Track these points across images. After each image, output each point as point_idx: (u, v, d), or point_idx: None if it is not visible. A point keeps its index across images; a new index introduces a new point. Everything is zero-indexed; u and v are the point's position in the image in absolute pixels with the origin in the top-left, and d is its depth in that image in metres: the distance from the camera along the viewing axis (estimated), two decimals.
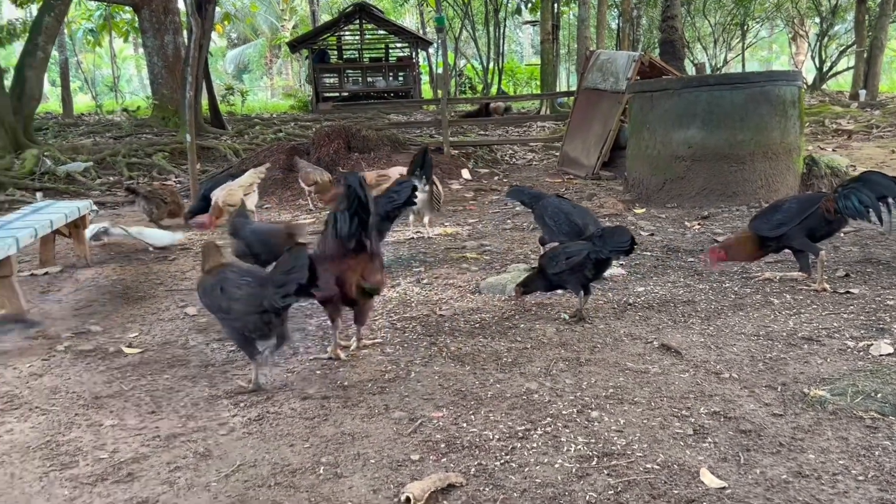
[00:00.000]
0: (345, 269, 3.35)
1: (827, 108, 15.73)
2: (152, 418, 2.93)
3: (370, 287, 3.39)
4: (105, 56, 33.28)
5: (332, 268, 3.35)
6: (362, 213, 3.24)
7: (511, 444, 2.58)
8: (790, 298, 4.11)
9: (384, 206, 4.56)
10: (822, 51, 26.57)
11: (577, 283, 3.89)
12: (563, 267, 3.86)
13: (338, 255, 3.36)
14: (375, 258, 3.47)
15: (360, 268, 3.37)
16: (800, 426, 2.61)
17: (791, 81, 7.03)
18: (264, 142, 13.51)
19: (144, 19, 16.43)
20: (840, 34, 28.74)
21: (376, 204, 4.54)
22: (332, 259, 3.36)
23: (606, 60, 9.95)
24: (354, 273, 3.35)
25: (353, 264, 3.36)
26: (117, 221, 7.46)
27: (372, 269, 3.41)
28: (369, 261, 3.41)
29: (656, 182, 7.23)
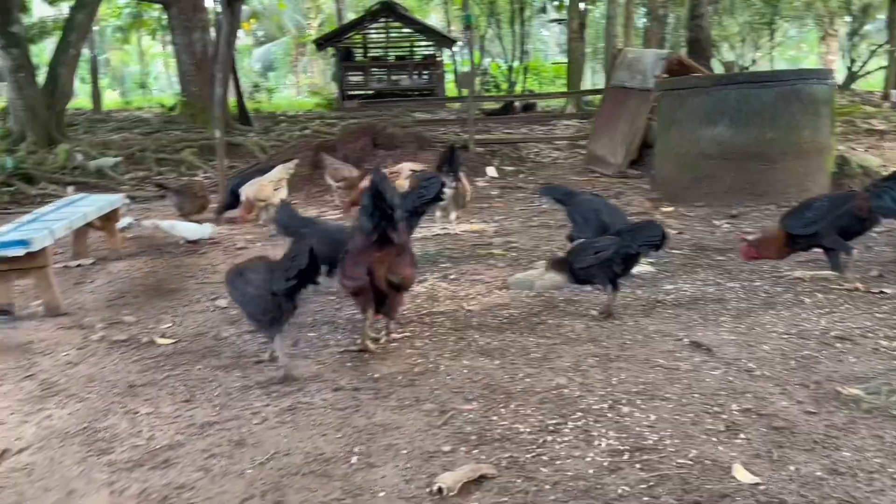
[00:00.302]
0: (372, 262, 3.38)
1: (858, 108, 15.51)
2: (187, 407, 2.98)
3: (398, 280, 3.42)
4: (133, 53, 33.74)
5: (361, 260, 3.39)
6: (385, 207, 3.28)
7: (542, 437, 2.58)
8: (822, 297, 4.07)
9: (412, 202, 4.59)
10: (853, 50, 26.19)
11: (605, 277, 3.89)
12: (591, 261, 3.87)
13: (365, 249, 3.41)
14: (405, 253, 3.51)
15: (388, 261, 3.40)
16: (834, 424, 2.59)
17: (823, 80, 6.96)
18: (290, 139, 13.59)
19: (173, 17, 16.57)
20: (871, 33, 28.31)
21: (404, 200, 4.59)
22: (360, 252, 3.41)
23: (634, 58, 9.89)
24: (382, 266, 3.39)
25: (380, 257, 3.39)
26: (148, 215, 7.57)
27: (400, 262, 3.44)
28: (397, 254, 3.44)
29: (684, 180, 7.18)
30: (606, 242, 3.88)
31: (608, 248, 3.82)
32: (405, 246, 3.52)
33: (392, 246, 3.41)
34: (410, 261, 3.56)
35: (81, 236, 5.94)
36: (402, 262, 3.47)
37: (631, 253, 3.83)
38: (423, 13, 36.06)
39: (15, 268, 4.25)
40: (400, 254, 3.47)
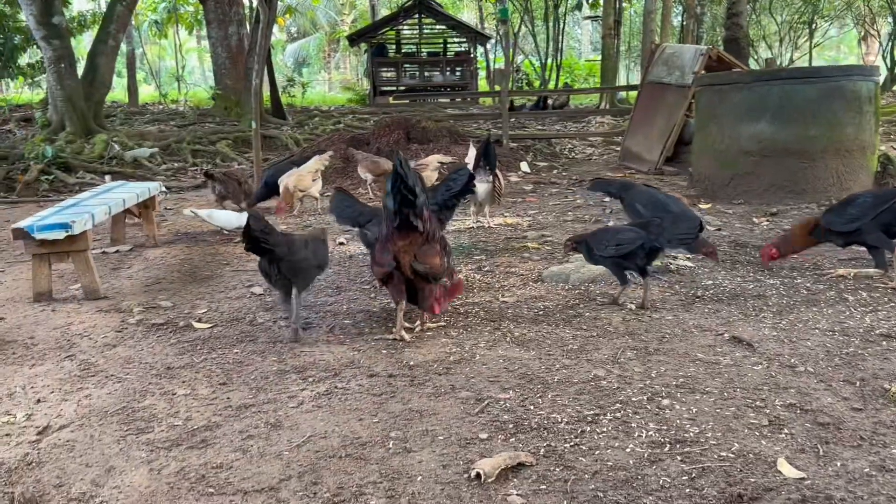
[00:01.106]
0: (397, 250, 3.36)
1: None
2: (223, 389, 2.99)
3: (424, 269, 3.37)
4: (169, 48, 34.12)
5: (388, 247, 3.38)
6: (405, 191, 3.24)
7: (580, 427, 2.55)
8: (866, 295, 3.98)
9: (442, 194, 4.57)
10: (895, 51, 25.64)
11: (619, 270, 3.90)
12: (611, 252, 3.83)
13: (389, 235, 3.40)
14: (432, 241, 3.44)
15: (413, 249, 3.37)
16: (881, 421, 2.52)
17: (867, 77, 6.81)
18: (324, 132, 13.67)
19: (209, 10, 16.76)
20: None
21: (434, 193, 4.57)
22: (387, 239, 3.41)
23: (672, 54, 9.78)
24: (407, 254, 3.36)
25: (404, 245, 3.36)
26: (188, 204, 7.64)
27: (427, 251, 3.40)
28: (424, 243, 3.40)
29: (723, 177, 7.08)
30: (632, 236, 3.83)
31: (633, 241, 3.77)
32: (433, 234, 3.46)
33: (417, 233, 3.37)
34: (440, 251, 3.49)
35: (119, 222, 6.02)
36: (429, 251, 3.41)
37: (655, 247, 3.80)
38: (456, 10, 36.08)
39: (56, 251, 4.31)
40: (427, 242, 3.42)
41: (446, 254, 3.59)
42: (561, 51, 28.01)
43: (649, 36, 13.38)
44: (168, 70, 36.98)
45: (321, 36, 43.51)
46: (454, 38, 27.67)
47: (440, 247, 3.51)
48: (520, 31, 30.22)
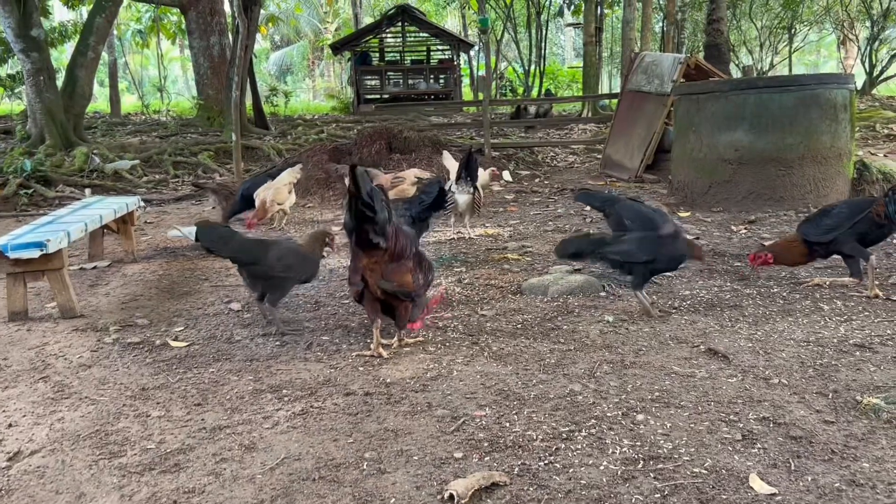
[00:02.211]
0: (363, 268, 3.32)
1: (878, 113, 15.35)
2: (198, 410, 2.97)
3: (393, 287, 3.32)
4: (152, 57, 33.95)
5: (356, 265, 3.36)
6: (362, 206, 3.10)
7: (555, 444, 2.55)
8: (840, 305, 4.01)
9: (416, 208, 4.58)
10: (873, 55, 25.93)
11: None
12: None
13: (354, 253, 3.37)
14: (402, 258, 3.37)
15: (380, 267, 3.31)
16: (853, 434, 2.54)
17: (842, 84, 6.87)
18: (307, 142, 13.64)
19: (191, 21, 16.72)
20: (891, 38, 28.03)
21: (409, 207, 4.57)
22: (353, 257, 3.40)
23: (651, 62, 9.84)
24: (374, 272, 3.30)
25: (369, 263, 3.31)
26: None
27: (396, 269, 3.34)
28: (391, 260, 3.32)
29: (702, 185, 7.12)
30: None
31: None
32: (402, 251, 3.35)
33: (381, 251, 3.27)
34: (413, 268, 3.41)
35: (97, 238, 5.98)
36: (397, 269, 3.34)
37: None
38: (440, 18, 36.15)
39: (31, 269, 4.27)
40: (395, 259, 3.34)
41: (423, 270, 3.54)
42: (544, 57, 28.14)
43: (629, 45, 13.46)
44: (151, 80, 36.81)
45: (305, 44, 43.48)
46: (437, 45, 27.72)
47: (413, 263, 3.45)
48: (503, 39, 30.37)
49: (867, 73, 25.79)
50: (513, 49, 31.59)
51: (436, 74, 26.53)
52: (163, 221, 7.94)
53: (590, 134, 15.38)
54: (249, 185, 7.01)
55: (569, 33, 42.12)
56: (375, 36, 26.93)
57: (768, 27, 29.16)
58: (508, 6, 27.57)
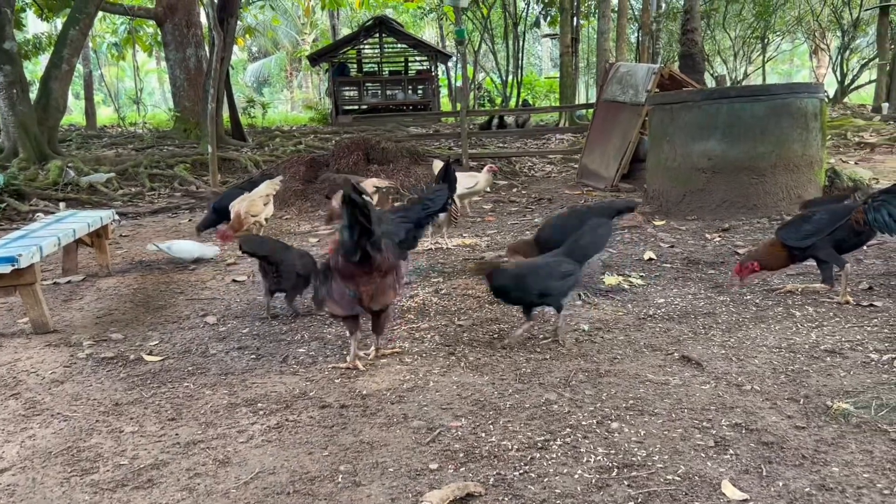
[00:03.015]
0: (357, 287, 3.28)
1: (849, 121, 15.60)
2: (172, 425, 2.95)
3: (379, 308, 3.40)
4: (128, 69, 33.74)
5: (350, 286, 3.29)
6: (363, 223, 3.04)
7: (530, 454, 2.56)
8: (812, 311, 4.07)
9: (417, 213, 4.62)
10: (844, 64, 26.40)
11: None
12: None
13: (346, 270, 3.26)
14: (391, 274, 3.33)
15: (373, 284, 3.27)
16: (823, 439, 2.58)
17: (813, 94, 6.98)
18: (284, 154, 13.61)
19: (167, 33, 16.67)
20: (862, 47, 28.55)
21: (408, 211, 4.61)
22: (345, 276, 3.28)
23: (626, 73, 9.94)
24: (368, 291, 3.28)
25: (366, 289, 3.27)
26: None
27: (386, 288, 3.33)
28: (382, 277, 3.28)
29: (676, 194, 7.19)
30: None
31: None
32: (391, 267, 3.31)
33: (374, 268, 3.22)
34: (394, 283, 3.38)
35: (71, 253, 5.92)
36: (386, 287, 3.31)
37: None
38: (418, 28, 36.28)
39: (2, 285, 4.22)
40: (386, 275, 3.30)
41: (400, 281, 3.55)
42: (521, 68, 28.32)
43: (604, 55, 13.58)
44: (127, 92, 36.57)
45: (282, 55, 43.43)
46: (415, 56, 27.82)
47: (395, 276, 3.43)
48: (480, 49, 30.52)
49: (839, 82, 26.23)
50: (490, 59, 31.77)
51: (414, 85, 26.62)
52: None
53: (567, 144, 15.48)
54: (222, 197, 6.98)
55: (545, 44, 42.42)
56: (353, 47, 26.98)
57: (742, 37, 29.59)
58: (486, 17, 27.74)
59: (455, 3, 10.89)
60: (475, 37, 29.86)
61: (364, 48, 27.78)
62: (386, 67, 28.01)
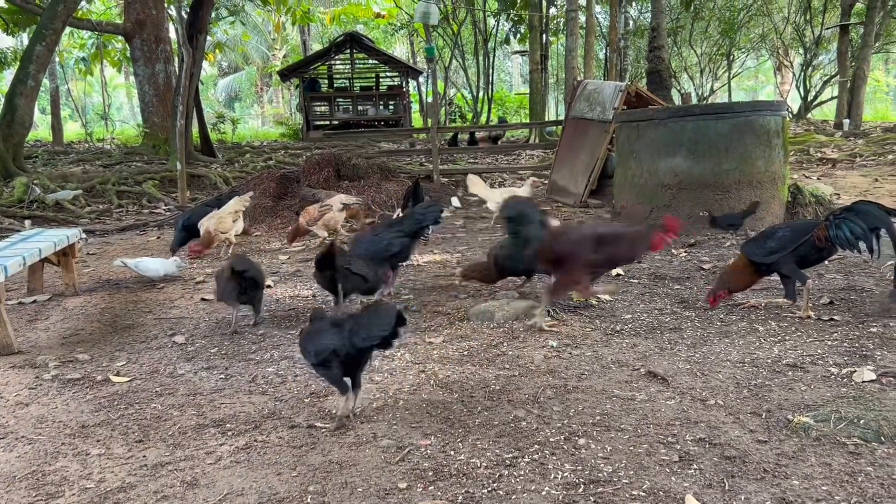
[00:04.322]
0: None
1: (811, 137, 15.94)
2: (139, 447, 2.93)
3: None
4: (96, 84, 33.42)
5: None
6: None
7: (498, 471, 2.59)
8: (775, 325, 4.15)
9: (411, 225, 4.87)
10: (807, 81, 26.97)
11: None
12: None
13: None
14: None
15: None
16: (784, 452, 2.63)
17: (775, 111, 7.13)
18: (254, 170, 13.56)
19: (136, 48, 16.53)
20: (824, 64, 29.20)
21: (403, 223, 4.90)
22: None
23: (594, 90, 10.08)
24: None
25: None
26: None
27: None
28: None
29: (643, 210, 7.29)
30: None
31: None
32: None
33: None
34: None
35: (37, 272, 5.85)
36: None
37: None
38: (389, 44, 36.40)
39: None
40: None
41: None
42: (492, 84, 28.53)
43: (572, 72, 13.77)
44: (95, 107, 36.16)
45: (253, 70, 43.29)
46: (386, 72, 27.91)
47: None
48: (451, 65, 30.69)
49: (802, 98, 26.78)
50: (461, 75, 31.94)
51: (385, 100, 26.69)
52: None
53: (537, 160, 15.61)
54: (190, 215, 6.95)
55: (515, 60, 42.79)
56: (324, 63, 27.00)
57: (708, 54, 30.11)
58: (456, 34, 27.93)
59: (425, 20, 10.97)
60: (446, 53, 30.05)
61: (335, 64, 27.82)
62: (357, 83, 28.06)
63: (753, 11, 27.50)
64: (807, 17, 26.33)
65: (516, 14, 22.38)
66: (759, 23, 28.67)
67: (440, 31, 27.68)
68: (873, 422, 2.78)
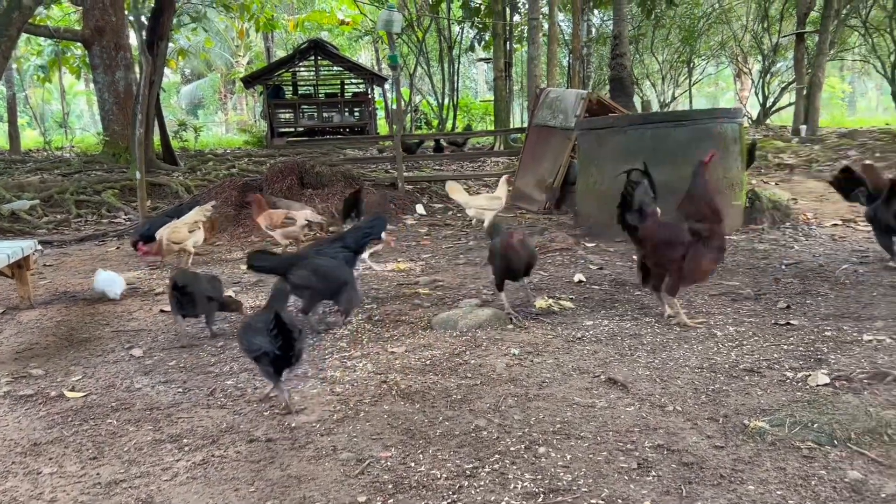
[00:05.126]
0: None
1: (769, 143, 16.22)
2: (93, 464, 2.87)
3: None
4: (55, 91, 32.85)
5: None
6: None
7: (458, 482, 2.58)
8: (733, 330, 4.21)
9: (355, 240, 4.83)
10: (765, 87, 27.48)
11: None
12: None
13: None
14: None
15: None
16: (740, 458, 2.67)
17: (732, 118, 7.25)
18: (217, 178, 13.40)
19: (95, 55, 16.26)
20: (782, 71, 29.77)
21: (343, 239, 4.85)
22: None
23: (556, 98, 10.15)
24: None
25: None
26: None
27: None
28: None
29: (605, 217, 7.30)
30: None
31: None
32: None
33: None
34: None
35: None
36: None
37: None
38: (354, 51, 36.32)
39: None
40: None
41: None
42: (457, 91, 28.58)
43: (534, 80, 13.85)
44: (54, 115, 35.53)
45: (216, 77, 42.88)
46: (351, 79, 27.82)
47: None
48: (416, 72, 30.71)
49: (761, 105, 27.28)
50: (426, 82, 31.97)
51: (350, 107, 26.60)
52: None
53: (502, 167, 15.66)
54: (149, 226, 6.85)
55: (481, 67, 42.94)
56: (288, 69, 26.82)
57: (669, 61, 30.54)
58: (421, 41, 27.95)
59: (388, 27, 10.96)
60: (411, 60, 30.06)
61: (299, 70, 27.65)
62: (322, 90, 27.93)
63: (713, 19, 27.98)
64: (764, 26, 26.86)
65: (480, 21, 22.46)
66: (719, 30, 29.17)
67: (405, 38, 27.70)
68: (826, 425, 2.83)
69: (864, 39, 24.92)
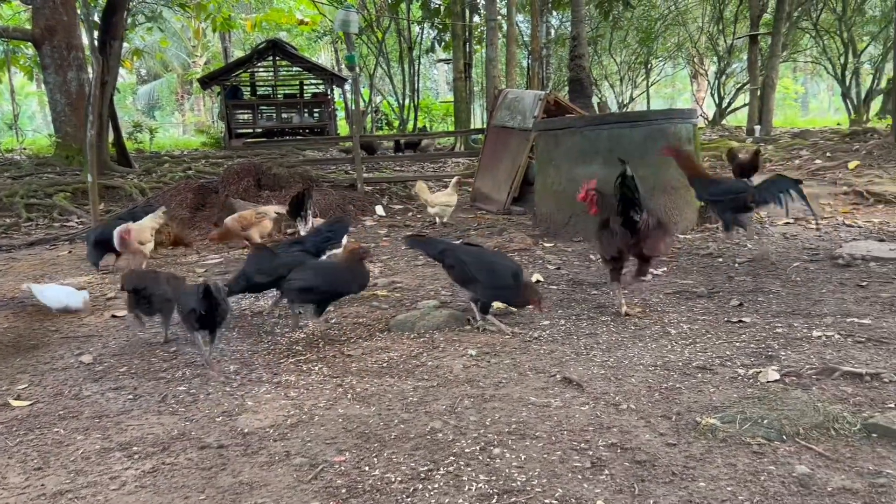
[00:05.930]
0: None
1: (725, 143, 16.48)
2: (38, 475, 2.79)
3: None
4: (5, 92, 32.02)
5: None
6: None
7: (413, 485, 2.56)
8: (686, 328, 4.26)
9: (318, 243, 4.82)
10: (721, 88, 27.99)
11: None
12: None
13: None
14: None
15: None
16: (692, 455, 2.69)
17: (686, 119, 7.35)
18: (173, 180, 13.21)
19: (46, 55, 15.88)
20: (737, 72, 30.36)
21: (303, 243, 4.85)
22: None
23: (514, 99, 10.20)
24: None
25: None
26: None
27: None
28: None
29: (562, 217, 7.41)
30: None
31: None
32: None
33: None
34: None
35: None
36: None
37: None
38: (313, 51, 36.08)
39: None
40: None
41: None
42: (417, 92, 28.60)
43: (493, 81, 13.91)
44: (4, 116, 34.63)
45: (173, 77, 42.26)
46: (311, 79, 27.63)
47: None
48: (376, 73, 30.65)
49: (717, 105, 27.77)
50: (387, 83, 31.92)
51: (310, 108, 26.41)
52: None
53: (462, 167, 15.69)
54: (102, 230, 6.70)
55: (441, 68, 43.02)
56: (246, 70, 26.54)
57: (627, 62, 30.95)
58: (381, 41, 27.90)
59: (345, 28, 10.93)
60: (371, 60, 29.99)
61: (258, 71, 27.39)
62: (280, 91, 27.69)
63: (669, 21, 28.43)
64: (719, 27, 27.36)
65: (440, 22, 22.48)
66: (676, 32, 29.66)
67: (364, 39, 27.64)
68: (776, 421, 2.87)
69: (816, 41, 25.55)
